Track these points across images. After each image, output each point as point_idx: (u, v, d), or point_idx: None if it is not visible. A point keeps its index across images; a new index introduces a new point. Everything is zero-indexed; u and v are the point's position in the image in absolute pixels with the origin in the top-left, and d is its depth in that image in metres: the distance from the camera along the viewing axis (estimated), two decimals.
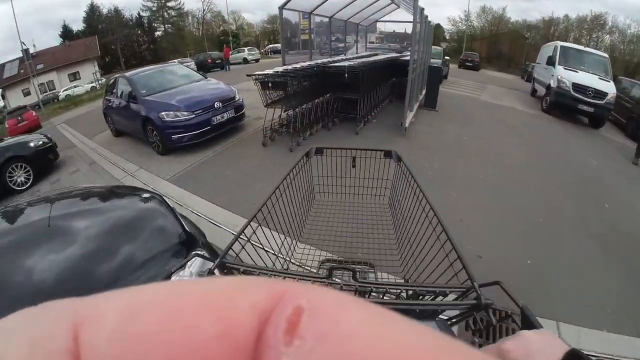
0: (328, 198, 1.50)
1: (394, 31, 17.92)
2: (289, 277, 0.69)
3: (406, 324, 0.11)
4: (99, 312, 0.11)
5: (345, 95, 6.11)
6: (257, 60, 24.77)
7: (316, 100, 6.05)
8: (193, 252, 1.41)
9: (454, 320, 0.70)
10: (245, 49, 27.17)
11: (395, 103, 8.31)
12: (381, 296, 0.69)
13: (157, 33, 38.27)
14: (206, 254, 1.35)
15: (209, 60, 22.56)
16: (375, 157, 1.38)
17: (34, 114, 15.18)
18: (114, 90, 7.10)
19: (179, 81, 6.83)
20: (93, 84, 25.35)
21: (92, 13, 34.17)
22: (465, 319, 0.66)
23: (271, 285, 0.12)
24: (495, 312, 0.62)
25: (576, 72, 9.01)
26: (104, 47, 32.50)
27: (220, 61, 22.32)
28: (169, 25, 38.67)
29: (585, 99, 8.68)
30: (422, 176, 3.54)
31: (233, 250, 0.82)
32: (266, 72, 5.16)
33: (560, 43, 10.08)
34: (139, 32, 36.75)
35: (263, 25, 41.46)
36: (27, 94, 25.61)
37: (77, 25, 33.58)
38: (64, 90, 24.63)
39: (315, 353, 0.10)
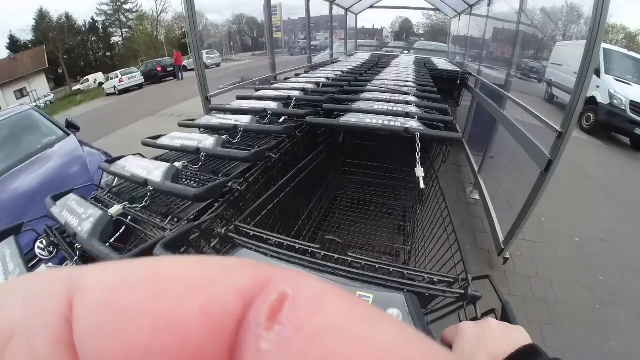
0: (353, 185, 1.44)
1: (362, 27, 14.32)
2: (289, 244, 0.66)
3: (388, 322, 0.11)
4: (94, 282, 0.11)
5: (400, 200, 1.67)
6: (218, 65, 20.24)
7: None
8: None
9: (442, 312, 0.63)
10: (204, 52, 22.12)
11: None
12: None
13: (114, 38, 32.63)
14: None
15: (159, 69, 18.05)
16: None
17: None
18: None
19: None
20: (36, 103, 20.26)
21: (42, 20, 28.31)
22: (454, 312, 0.61)
23: (258, 269, 0.12)
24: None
25: (629, 85, 6.26)
26: (56, 57, 27.14)
27: (172, 69, 17.97)
28: (127, 30, 33.00)
29: None
30: None
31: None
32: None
33: (602, 44, 6.85)
34: (93, 38, 31.16)
35: (229, 25, 36.03)
36: None
37: (26, 35, 27.80)
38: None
39: (293, 341, 0.09)
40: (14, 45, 27.50)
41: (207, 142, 1.12)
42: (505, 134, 2.67)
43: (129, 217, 0.92)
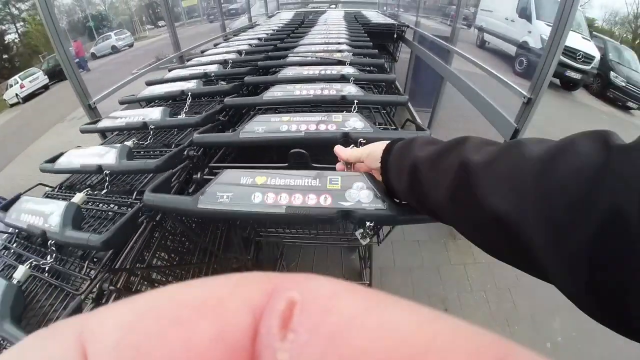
0: None
1: None
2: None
3: (404, 309, 0.10)
4: (103, 326, 0.11)
5: None
6: (130, 45, 18.07)
7: None
8: None
9: None
10: (112, 33, 19.23)
11: None
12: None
13: (9, 36, 28.00)
14: None
15: None
16: None
17: None
18: None
19: None
20: None
21: None
22: None
23: (265, 280, 0.12)
24: None
25: None
26: None
27: (77, 60, 15.96)
28: (22, 23, 28.43)
29: (575, 64, 6.77)
30: None
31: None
32: None
33: None
34: None
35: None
36: None
37: None
38: None
39: (310, 346, 0.09)
40: None
41: (154, 114, 1.13)
42: (453, 90, 2.58)
43: (93, 204, 0.93)
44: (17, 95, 14.57)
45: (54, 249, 0.79)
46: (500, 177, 0.33)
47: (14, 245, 0.94)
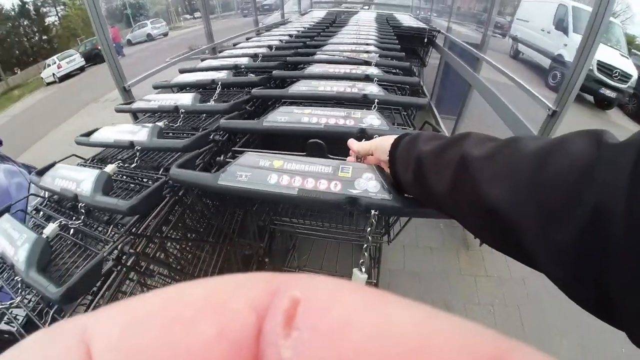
0: None
1: None
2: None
3: (403, 307, 0.11)
4: (107, 325, 0.11)
5: None
6: (165, 34, 17.86)
7: None
8: None
9: None
10: (148, 22, 19.18)
11: None
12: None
13: (49, 19, 29.28)
14: None
15: (100, 47, 16.59)
16: None
17: None
18: None
19: None
20: None
21: None
22: None
23: (268, 279, 0.12)
24: None
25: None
26: None
27: (114, 45, 16.51)
28: (62, 7, 29.69)
29: (610, 82, 6.41)
30: None
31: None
32: None
33: (570, 2, 7.02)
34: (26, 22, 28.11)
35: None
36: None
37: None
38: None
39: (312, 343, 0.09)
40: None
41: (185, 99, 1.20)
42: (480, 98, 2.56)
43: (123, 176, 1.00)
44: (54, 74, 15.34)
45: (83, 211, 0.87)
46: (498, 172, 0.35)
47: (45, 207, 1.02)
